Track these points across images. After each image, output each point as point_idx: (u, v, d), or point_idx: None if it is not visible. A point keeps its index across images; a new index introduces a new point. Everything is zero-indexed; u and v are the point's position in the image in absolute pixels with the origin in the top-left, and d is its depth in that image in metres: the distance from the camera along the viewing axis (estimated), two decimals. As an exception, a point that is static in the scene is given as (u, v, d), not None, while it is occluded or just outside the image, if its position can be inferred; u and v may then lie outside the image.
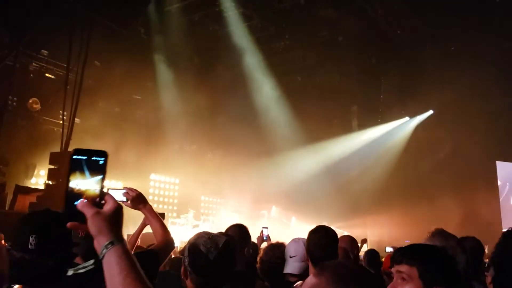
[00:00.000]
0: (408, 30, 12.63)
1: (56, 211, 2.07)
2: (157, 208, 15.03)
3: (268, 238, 5.40)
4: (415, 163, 14.88)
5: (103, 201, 1.27)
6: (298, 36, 13.70)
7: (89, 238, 2.28)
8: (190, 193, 15.62)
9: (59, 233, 2.09)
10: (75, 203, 1.24)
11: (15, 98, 11.88)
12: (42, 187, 10.90)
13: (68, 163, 1.27)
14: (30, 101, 12.03)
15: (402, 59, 13.54)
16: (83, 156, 1.28)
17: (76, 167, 1.27)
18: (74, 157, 1.28)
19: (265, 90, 14.89)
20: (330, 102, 15.35)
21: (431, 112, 16.17)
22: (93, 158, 1.28)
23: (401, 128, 16.91)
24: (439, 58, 12.96)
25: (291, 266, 3.31)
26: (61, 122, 11.23)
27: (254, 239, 5.51)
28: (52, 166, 10.09)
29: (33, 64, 12.21)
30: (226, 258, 2.25)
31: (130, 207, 2.69)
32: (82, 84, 10.46)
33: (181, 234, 12.47)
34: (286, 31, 13.48)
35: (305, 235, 3.20)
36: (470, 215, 12.96)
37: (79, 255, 2.34)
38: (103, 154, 1.29)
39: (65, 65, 11.45)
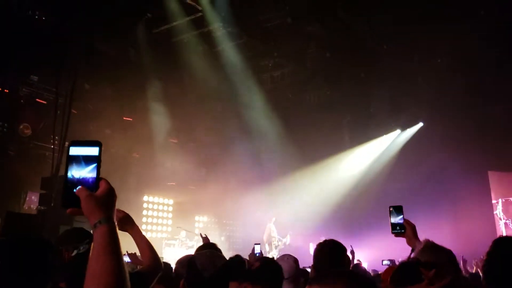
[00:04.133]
0: (395, 44, 12.78)
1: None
2: (152, 229, 14.93)
3: (261, 255, 5.35)
4: (407, 175, 14.91)
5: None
6: (286, 53, 13.82)
7: (72, 264, 2.26)
8: (184, 213, 15.54)
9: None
10: (74, 190, 1.34)
11: (5, 124, 11.83)
12: (34, 212, 10.80)
13: (66, 154, 1.38)
14: (21, 126, 11.98)
15: (390, 72, 13.67)
16: (79, 146, 1.39)
17: (73, 158, 1.38)
18: (71, 147, 1.39)
19: (257, 107, 14.95)
20: (321, 118, 15.43)
21: (421, 124, 16.29)
22: (88, 148, 1.39)
23: (392, 140, 17.01)
24: (427, 70, 13.10)
25: None
26: (52, 146, 11.17)
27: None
28: (43, 191, 10.00)
29: (23, 89, 12.19)
30: (221, 279, 2.24)
31: (118, 229, 2.69)
32: (71, 108, 10.44)
33: (177, 256, 12.36)
34: (274, 49, 13.61)
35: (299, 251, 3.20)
36: (464, 225, 12.96)
37: (63, 281, 2.31)
38: (97, 143, 1.41)
39: (54, 90, 11.44)
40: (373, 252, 13.44)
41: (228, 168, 15.26)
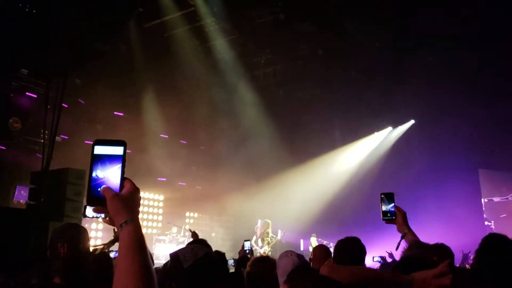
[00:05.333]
0: (386, 42, 12.81)
1: None
2: (142, 225, 14.86)
3: (251, 251, 5.35)
4: (398, 173, 14.97)
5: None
6: (278, 50, 13.80)
7: (66, 259, 2.25)
8: (175, 209, 15.50)
9: None
10: (98, 189, 1.36)
11: (-5, 118, 11.72)
12: (23, 207, 10.71)
13: (91, 153, 1.38)
14: (11, 120, 11.86)
15: (382, 70, 13.70)
16: (103, 145, 1.39)
17: (98, 157, 1.38)
18: (95, 146, 1.39)
19: (248, 104, 14.92)
20: (312, 116, 15.44)
21: (412, 121, 16.36)
22: (113, 147, 1.39)
23: (383, 138, 17.07)
24: (418, 69, 13.14)
25: None
26: (42, 141, 11.07)
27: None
28: (33, 186, 9.92)
29: (13, 83, 12.07)
30: (202, 270, 2.23)
31: (109, 224, 2.67)
32: (62, 103, 10.35)
33: (167, 251, 12.34)
34: (266, 46, 13.58)
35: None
36: (453, 223, 13.04)
37: (58, 275, 2.30)
38: (122, 143, 1.40)
39: (45, 84, 11.35)
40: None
41: (219, 165, 15.24)
